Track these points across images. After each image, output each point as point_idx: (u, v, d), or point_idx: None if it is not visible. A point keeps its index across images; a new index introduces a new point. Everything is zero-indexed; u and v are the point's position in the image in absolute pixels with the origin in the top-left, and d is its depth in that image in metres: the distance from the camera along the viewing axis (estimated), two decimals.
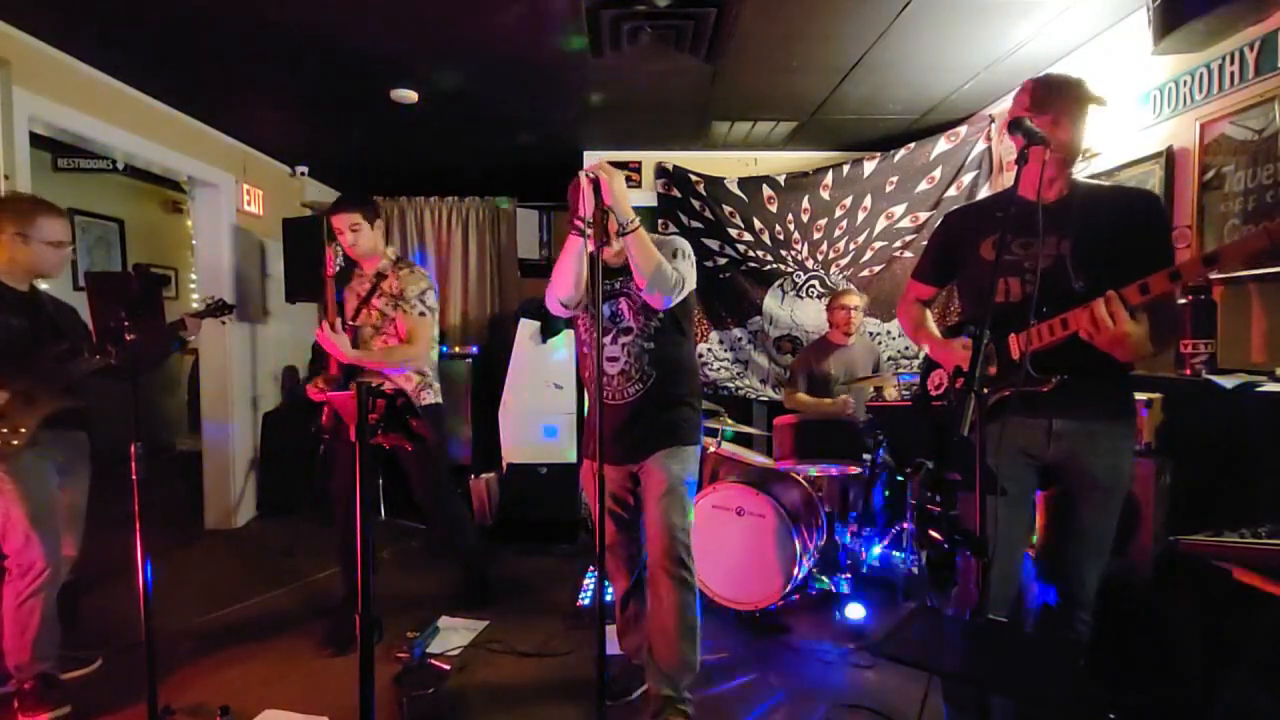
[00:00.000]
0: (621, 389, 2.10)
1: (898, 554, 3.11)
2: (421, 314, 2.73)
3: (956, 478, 1.29)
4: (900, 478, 3.23)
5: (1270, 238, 1.33)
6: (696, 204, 4.31)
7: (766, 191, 4.24)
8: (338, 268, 2.85)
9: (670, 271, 1.94)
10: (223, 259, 4.23)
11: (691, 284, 2.06)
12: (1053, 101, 1.60)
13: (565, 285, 2.04)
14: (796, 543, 2.73)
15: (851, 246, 4.20)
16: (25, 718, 2.12)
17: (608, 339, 2.11)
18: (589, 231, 1.80)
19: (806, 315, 4.27)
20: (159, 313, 1.93)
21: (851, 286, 4.00)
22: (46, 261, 2.24)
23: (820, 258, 4.25)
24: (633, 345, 2.08)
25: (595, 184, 1.76)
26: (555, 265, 2.06)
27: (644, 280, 1.92)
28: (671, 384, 2.11)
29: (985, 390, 1.66)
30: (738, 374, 4.39)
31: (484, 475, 4.29)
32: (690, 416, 2.15)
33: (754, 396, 4.40)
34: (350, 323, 2.76)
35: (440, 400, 2.90)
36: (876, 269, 4.19)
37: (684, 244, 2.11)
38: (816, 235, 4.22)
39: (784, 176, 4.25)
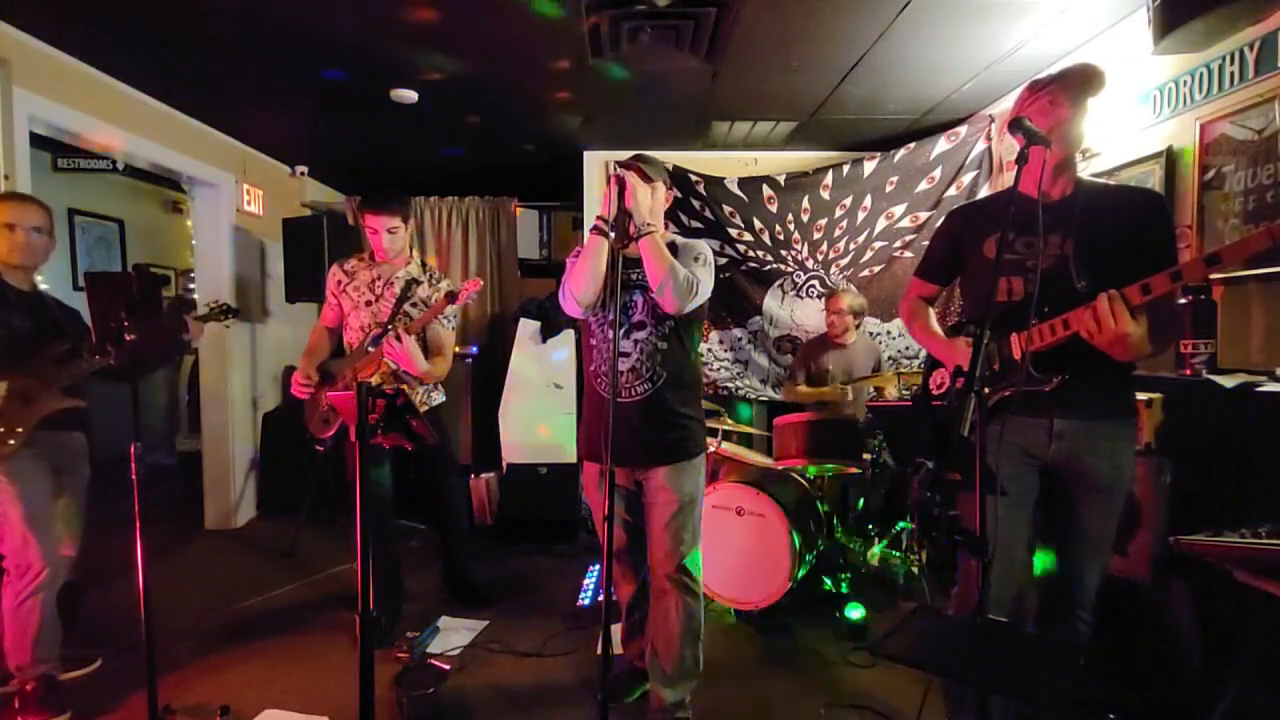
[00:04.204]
0: (630, 386, 2.04)
1: (897, 554, 3.11)
2: (451, 328, 2.83)
3: (956, 478, 1.29)
4: (900, 478, 3.23)
5: (1271, 238, 1.33)
6: (696, 204, 4.31)
7: (766, 191, 4.24)
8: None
9: (684, 276, 1.91)
10: (223, 259, 4.22)
11: (706, 291, 2.01)
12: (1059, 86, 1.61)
13: (583, 282, 1.98)
14: (796, 542, 2.73)
15: (851, 246, 4.20)
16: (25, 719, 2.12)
17: (619, 333, 2.04)
18: (610, 231, 1.91)
19: (806, 315, 4.27)
20: (159, 313, 1.92)
21: (850, 287, 3.99)
22: (35, 251, 2.20)
23: (820, 258, 4.24)
24: (645, 343, 2.03)
25: (620, 186, 1.89)
26: (574, 264, 2.03)
27: (655, 282, 1.90)
28: (679, 389, 2.06)
29: (986, 390, 1.66)
30: (738, 374, 4.39)
31: (484, 475, 4.29)
32: (696, 428, 2.11)
33: (754, 396, 4.39)
34: (386, 325, 2.57)
35: (444, 399, 2.96)
36: (876, 269, 4.18)
37: (706, 249, 2.07)
38: (816, 235, 4.22)
39: (784, 176, 4.24)
